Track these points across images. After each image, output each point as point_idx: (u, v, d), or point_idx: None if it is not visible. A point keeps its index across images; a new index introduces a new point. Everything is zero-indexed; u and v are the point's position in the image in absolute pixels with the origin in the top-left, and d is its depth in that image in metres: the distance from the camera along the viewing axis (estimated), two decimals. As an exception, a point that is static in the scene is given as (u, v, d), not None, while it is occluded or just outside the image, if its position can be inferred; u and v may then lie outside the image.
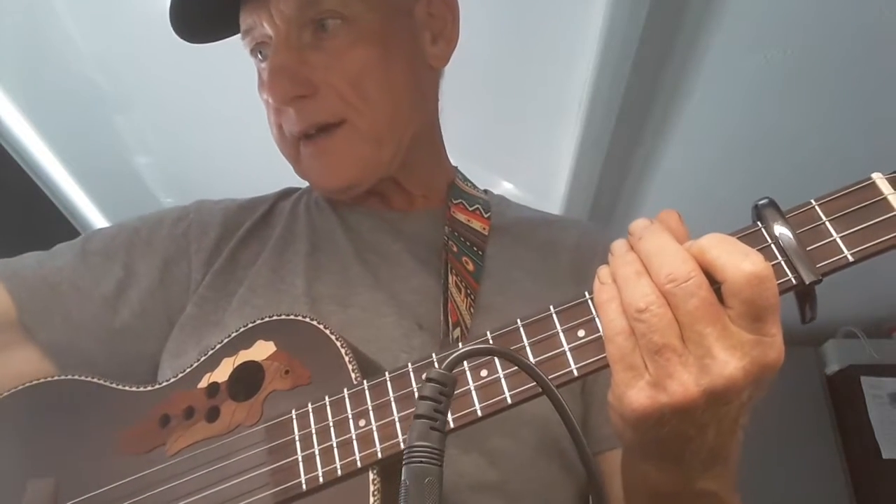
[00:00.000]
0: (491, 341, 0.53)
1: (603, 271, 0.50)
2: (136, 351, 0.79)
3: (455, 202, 0.85)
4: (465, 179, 0.91)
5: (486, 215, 0.85)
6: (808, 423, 2.41)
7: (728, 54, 1.56)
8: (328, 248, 0.82)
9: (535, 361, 0.51)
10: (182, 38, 0.80)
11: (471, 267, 0.77)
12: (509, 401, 0.52)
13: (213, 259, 0.81)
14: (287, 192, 0.92)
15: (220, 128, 1.85)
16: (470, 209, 0.85)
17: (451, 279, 0.75)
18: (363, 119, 0.74)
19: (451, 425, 0.52)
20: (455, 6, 0.85)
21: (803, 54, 1.55)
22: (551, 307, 0.52)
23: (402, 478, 0.40)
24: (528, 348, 0.52)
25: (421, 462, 0.40)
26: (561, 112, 1.78)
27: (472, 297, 0.75)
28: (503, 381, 0.52)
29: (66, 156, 1.95)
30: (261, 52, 0.78)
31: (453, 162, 0.93)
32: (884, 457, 2.29)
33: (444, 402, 0.43)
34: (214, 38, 0.82)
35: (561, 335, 0.51)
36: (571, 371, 0.50)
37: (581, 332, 0.51)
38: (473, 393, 0.53)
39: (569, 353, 0.51)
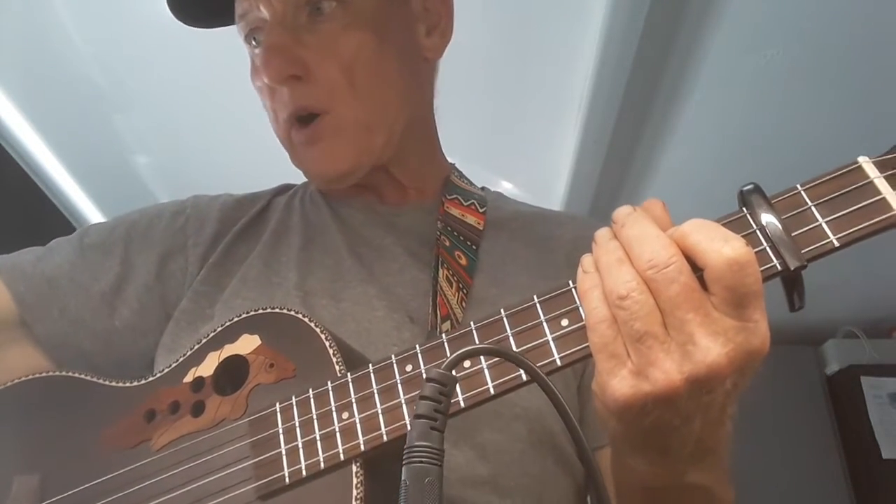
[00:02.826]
0: (475, 332, 0.53)
1: (586, 259, 0.49)
2: (135, 347, 0.79)
3: (449, 197, 0.84)
4: (462, 176, 0.91)
5: (481, 210, 0.85)
6: (808, 423, 2.41)
7: (728, 54, 1.56)
8: (321, 241, 0.82)
9: (519, 352, 0.51)
10: (178, 19, 0.80)
11: (464, 261, 0.77)
12: (492, 391, 0.51)
13: (210, 253, 0.81)
14: (284, 188, 0.92)
15: (219, 127, 1.85)
16: (465, 204, 0.85)
17: (442, 273, 0.75)
18: (352, 108, 0.74)
19: None
20: (450, 2, 0.85)
21: (803, 54, 1.55)
22: (535, 297, 0.52)
23: (402, 478, 0.40)
24: (511, 338, 0.52)
25: (421, 462, 0.40)
26: (561, 112, 1.78)
27: (465, 291, 0.75)
28: (486, 371, 0.52)
29: (65, 155, 1.95)
30: (255, 39, 0.78)
31: (453, 161, 0.93)
32: (884, 457, 2.29)
33: (444, 402, 0.43)
34: (211, 23, 0.82)
35: (545, 325, 0.51)
36: (555, 361, 0.50)
37: (565, 322, 0.50)
38: (457, 384, 0.52)
39: (552, 343, 0.50)
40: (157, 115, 1.84)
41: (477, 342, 0.52)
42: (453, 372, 0.44)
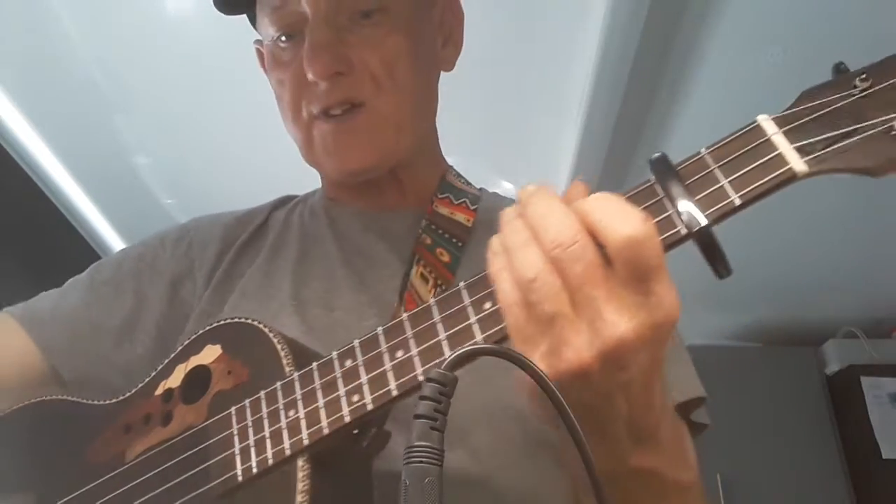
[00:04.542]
0: (406, 322, 0.54)
1: (494, 241, 0.49)
2: None
3: (440, 196, 0.85)
4: (459, 176, 0.91)
5: (472, 207, 0.85)
6: (808, 423, 2.41)
7: (728, 54, 1.56)
8: (317, 252, 0.83)
9: (446, 335, 0.51)
10: (219, 10, 0.82)
11: (446, 258, 0.78)
12: (421, 379, 0.52)
13: (214, 272, 0.83)
14: (283, 201, 0.93)
15: (220, 128, 1.85)
16: (456, 202, 0.85)
17: (416, 270, 0.76)
18: (388, 103, 0.76)
19: (371, 406, 0.53)
20: (461, 14, 0.87)
21: (803, 54, 1.55)
22: (461, 282, 0.52)
23: (402, 478, 0.40)
24: (440, 324, 0.52)
25: (421, 462, 0.40)
26: (561, 112, 1.78)
27: (444, 287, 0.75)
28: (416, 359, 0.53)
29: (66, 156, 1.95)
30: (285, 34, 0.78)
31: (454, 161, 0.93)
32: (884, 457, 2.28)
33: (444, 403, 0.43)
34: (248, 11, 0.83)
35: (469, 308, 0.51)
36: (478, 342, 0.50)
37: (487, 305, 0.50)
38: (389, 373, 0.54)
39: (475, 326, 0.51)
40: (157, 115, 1.84)
41: (408, 332, 0.53)
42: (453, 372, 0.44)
